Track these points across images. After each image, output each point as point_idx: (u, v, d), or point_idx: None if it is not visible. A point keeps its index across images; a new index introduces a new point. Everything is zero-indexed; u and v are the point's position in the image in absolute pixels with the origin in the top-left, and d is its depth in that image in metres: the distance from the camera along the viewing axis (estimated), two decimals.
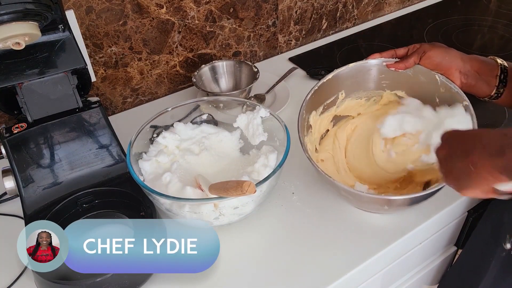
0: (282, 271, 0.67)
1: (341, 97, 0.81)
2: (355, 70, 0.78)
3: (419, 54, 0.73)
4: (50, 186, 0.71)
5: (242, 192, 0.58)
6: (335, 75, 0.77)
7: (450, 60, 0.71)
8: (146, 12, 0.93)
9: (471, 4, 1.41)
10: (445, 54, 0.72)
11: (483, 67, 0.70)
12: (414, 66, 0.74)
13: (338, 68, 0.78)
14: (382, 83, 0.79)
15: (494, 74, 0.69)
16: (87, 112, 0.74)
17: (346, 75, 0.78)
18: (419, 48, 0.74)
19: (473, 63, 0.70)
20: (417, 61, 0.74)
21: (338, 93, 0.80)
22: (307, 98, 0.74)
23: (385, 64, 0.77)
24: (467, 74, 0.70)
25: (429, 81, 0.74)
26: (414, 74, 0.75)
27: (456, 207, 0.78)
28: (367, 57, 0.78)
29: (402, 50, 0.76)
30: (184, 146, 0.79)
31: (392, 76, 0.78)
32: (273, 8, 1.11)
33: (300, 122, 0.72)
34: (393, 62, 0.76)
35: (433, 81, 0.73)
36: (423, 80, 0.74)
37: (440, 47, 0.73)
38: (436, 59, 0.72)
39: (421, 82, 0.75)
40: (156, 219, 0.69)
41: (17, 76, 0.67)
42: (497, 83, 0.69)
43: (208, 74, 1.01)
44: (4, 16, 0.55)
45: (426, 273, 0.92)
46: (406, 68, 0.75)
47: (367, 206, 0.72)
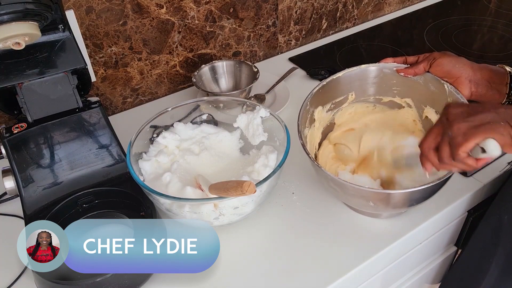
0: (282, 271, 0.67)
1: (350, 98, 0.81)
2: (365, 72, 0.78)
3: (429, 61, 0.73)
4: (50, 186, 0.71)
5: (242, 192, 0.58)
6: (345, 74, 0.77)
7: (460, 68, 0.70)
8: (146, 12, 0.93)
9: (471, 4, 1.41)
10: (455, 62, 0.71)
11: (493, 76, 0.69)
12: (424, 74, 0.74)
13: (349, 68, 0.77)
14: (393, 89, 0.79)
15: (504, 82, 0.68)
16: (87, 112, 0.73)
17: (356, 77, 0.78)
18: (429, 55, 0.73)
19: (484, 72, 0.70)
20: (427, 68, 0.73)
21: (348, 93, 0.80)
22: (314, 92, 0.74)
23: (395, 69, 0.76)
24: (478, 83, 0.70)
25: (438, 90, 0.73)
26: (424, 82, 0.75)
27: (456, 207, 0.78)
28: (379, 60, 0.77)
29: (412, 58, 0.76)
30: (184, 146, 0.79)
31: (403, 82, 0.77)
32: (273, 8, 1.11)
33: (302, 113, 0.71)
34: (404, 67, 0.76)
35: (441, 90, 0.72)
36: (432, 89, 0.74)
37: (450, 55, 0.72)
38: (446, 67, 0.71)
39: (431, 91, 0.74)
40: (156, 219, 0.69)
41: (17, 76, 0.67)
42: (507, 91, 0.68)
43: (208, 74, 1.01)
44: (4, 16, 0.55)
45: (426, 273, 0.92)
46: (416, 74, 0.74)
47: (364, 204, 0.72)
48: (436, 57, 0.72)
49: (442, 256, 0.93)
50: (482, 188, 0.80)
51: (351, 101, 0.81)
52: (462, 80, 0.70)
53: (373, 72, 0.78)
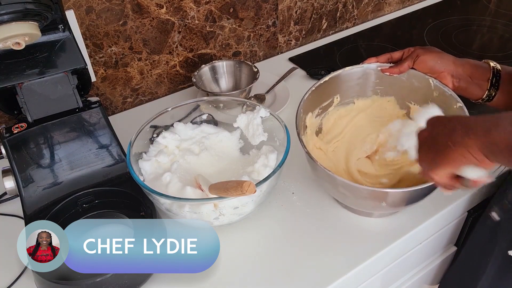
0: (282, 271, 0.67)
1: (336, 101, 0.81)
2: (351, 74, 0.79)
3: (413, 58, 0.74)
4: (50, 186, 0.71)
5: (242, 192, 0.58)
6: (332, 78, 0.78)
7: (442, 64, 0.72)
8: (146, 12, 0.93)
9: (471, 4, 1.41)
10: (438, 58, 0.72)
11: (475, 71, 0.71)
12: (408, 71, 0.75)
13: (334, 71, 0.78)
14: (376, 88, 0.80)
15: (486, 78, 0.70)
16: (87, 112, 0.73)
17: (342, 79, 0.79)
18: (413, 52, 0.75)
19: (465, 67, 0.71)
20: (411, 65, 0.74)
21: (333, 96, 0.81)
22: (304, 99, 0.75)
23: (379, 69, 0.77)
24: (459, 78, 0.71)
25: (423, 86, 0.74)
26: (408, 79, 0.76)
27: (456, 207, 0.78)
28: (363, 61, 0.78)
29: (397, 54, 0.77)
30: (184, 146, 0.79)
31: (387, 81, 0.78)
32: (273, 8, 1.11)
33: (298, 121, 0.72)
34: (388, 67, 0.76)
35: (427, 85, 0.74)
36: (417, 85, 0.75)
37: (433, 51, 0.73)
38: (429, 63, 0.73)
39: (415, 86, 0.76)
40: (156, 219, 0.69)
41: (17, 76, 0.67)
42: (488, 86, 0.70)
43: (208, 74, 1.01)
44: (4, 16, 0.55)
45: (426, 273, 0.92)
46: (401, 72, 0.76)
47: (365, 205, 0.72)
48: (419, 54, 0.73)
49: (441, 256, 0.93)
50: (482, 188, 0.80)
51: (336, 105, 0.81)
52: (445, 75, 0.72)
53: (356, 73, 0.79)
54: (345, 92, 0.81)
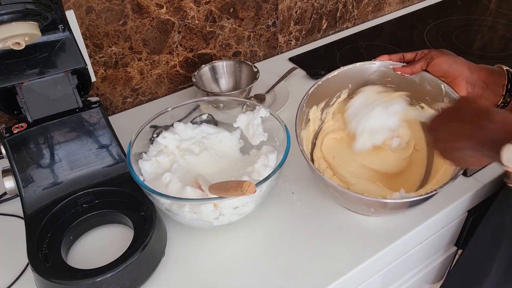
0: (283, 271, 0.67)
1: (343, 96, 0.80)
2: (361, 69, 0.77)
3: (427, 60, 0.72)
4: (50, 186, 0.71)
5: (242, 192, 0.58)
6: (341, 72, 0.77)
7: (457, 68, 0.70)
8: (146, 12, 0.93)
9: (471, 4, 1.41)
10: (453, 62, 0.70)
11: (490, 77, 0.69)
12: (420, 73, 0.73)
13: (344, 66, 0.77)
14: (387, 86, 0.78)
15: (501, 84, 0.67)
16: (87, 112, 0.73)
17: (352, 74, 0.78)
18: (427, 54, 0.72)
19: (480, 73, 0.69)
20: (424, 67, 0.73)
21: (342, 91, 0.80)
22: (309, 92, 0.74)
23: (391, 67, 0.76)
24: (474, 84, 0.69)
25: (434, 90, 0.73)
26: (420, 81, 0.74)
27: (456, 207, 0.78)
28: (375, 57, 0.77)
29: (410, 55, 0.75)
30: (184, 146, 0.79)
31: (398, 80, 0.76)
32: (273, 8, 1.11)
33: (298, 115, 0.71)
34: (400, 65, 0.75)
35: (438, 90, 0.72)
36: (428, 88, 0.74)
37: (448, 55, 0.71)
38: (443, 67, 0.70)
39: (427, 90, 0.74)
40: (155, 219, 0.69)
41: (17, 76, 0.67)
42: (504, 92, 0.67)
43: (208, 74, 1.01)
44: (4, 16, 0.55)
45: (426, 273, 0.92)
46: (413, 73, 0.74)
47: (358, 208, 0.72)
48: (434, 56, 0.71)
49: (442, 256, 0.93)
50: (482, 188, 0.80)
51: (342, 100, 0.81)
52: (459, 81, 0.70)
53: (368, 69, 0.77)
54: (354, 88, 0.80)
